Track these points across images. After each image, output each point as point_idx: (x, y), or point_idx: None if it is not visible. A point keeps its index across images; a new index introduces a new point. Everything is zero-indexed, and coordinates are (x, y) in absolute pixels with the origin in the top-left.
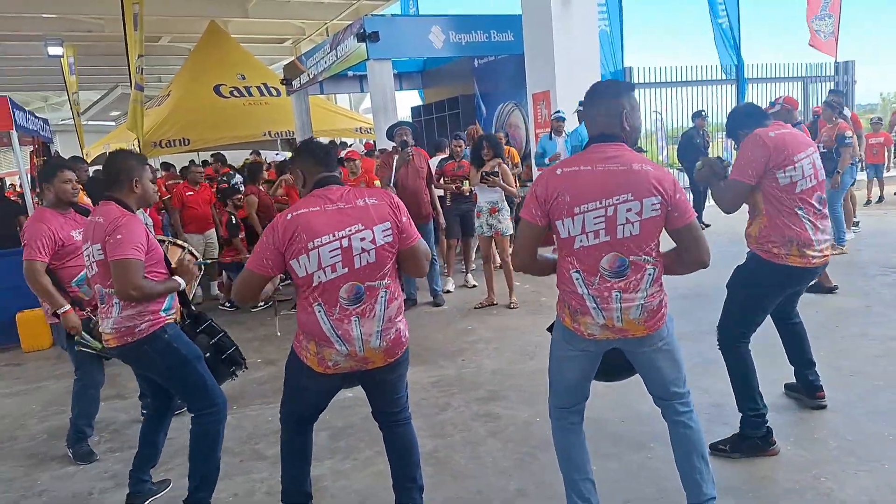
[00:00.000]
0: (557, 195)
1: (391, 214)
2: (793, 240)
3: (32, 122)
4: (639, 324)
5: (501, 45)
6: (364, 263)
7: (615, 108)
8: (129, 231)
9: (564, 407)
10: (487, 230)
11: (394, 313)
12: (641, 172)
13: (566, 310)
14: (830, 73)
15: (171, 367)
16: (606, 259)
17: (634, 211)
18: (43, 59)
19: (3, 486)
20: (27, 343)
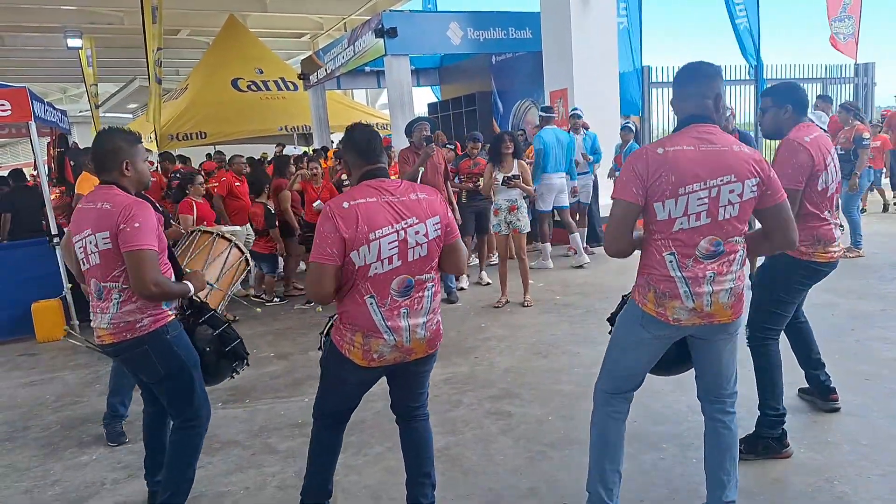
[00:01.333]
0: (661, 174)
1: (440, 209)
2: (820, 239)
3: (51, 113)
4: (726, 308)
5: (519, 43)
6: (417, 257)
7: (712, 89)
8: (146, 219)
9: (616, 393)
10: (505, 228)
11: (436, 305)
12: (741, 154)
13: (650, 294)
14: (850, 75)
15: (167, 371)
16: (705, 241)
17: (736, 192)
18: (62, 50)
19: (17, 476)
20: (42, 334)
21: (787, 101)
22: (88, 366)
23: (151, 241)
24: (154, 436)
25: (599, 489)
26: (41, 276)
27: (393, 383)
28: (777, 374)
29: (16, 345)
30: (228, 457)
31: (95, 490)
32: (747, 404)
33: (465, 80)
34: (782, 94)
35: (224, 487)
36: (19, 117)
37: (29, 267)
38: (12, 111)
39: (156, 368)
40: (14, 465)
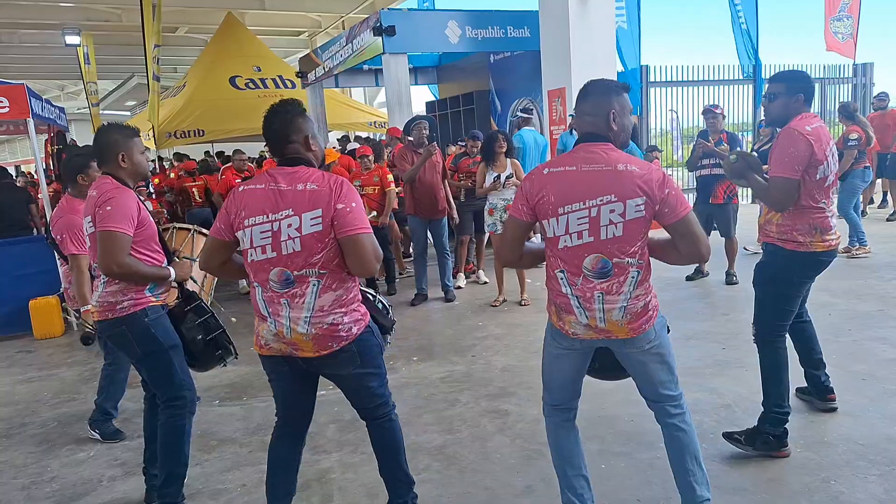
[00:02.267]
0: (543, 194)
1: (328, 202)
2: (817, 227)
3: (49, 110)
4: (621, 325)
5: (517, 41)
6: (290, 251)
7: (604, 108)
8: (118, 204)
9: (556, 404)
10: (501, 227)
11: (327, 304)
12: (626, 173)
13: (552, 307)
14: (848, 75)
15: (143, 352)
16: (589, 260)
17: (618, 212)
18: (60, 47)
19: (15, 472)
20: (39, 330)
21: (800, 90)
22: (86, 363)
23: (121, 224)
24: (153, 425)
25: (571, 498)
26: (39, 272)
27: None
28: (784, 372)
29: (13, 341)
30: (225, 454)
31: (92, 487)
32: (743, 403)
33: (463, 78)
34: (796, 82)
35: (221, 485)
36: (17, 114)
37: (26, 264)
38: (10, 108)
39: (133, 348)
40: (11, 461)
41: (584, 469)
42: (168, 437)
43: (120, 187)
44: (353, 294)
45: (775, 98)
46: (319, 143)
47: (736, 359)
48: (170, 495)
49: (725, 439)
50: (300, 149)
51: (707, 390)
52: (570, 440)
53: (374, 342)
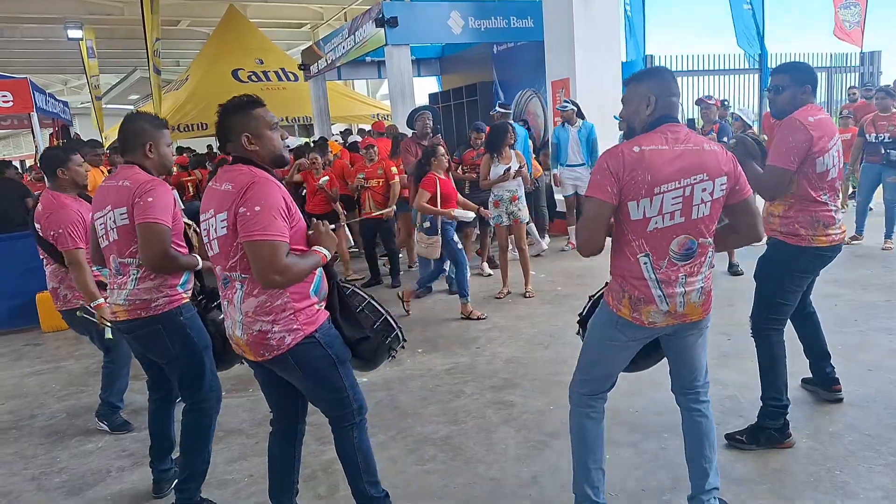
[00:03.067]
0: (636, 173)
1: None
2: (819, 220)
3: (52, 104)
4: (698, 307)
5: (521, 32)
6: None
7: (676, 91)
8: (160, 195)
9: (592, 394)
10: (506, 219)
11: (249, 309)
12: (711, 152)
13: (625, 300)
14: (856, 64)
15: (179, 351)
16: (677, 241)
17: (708, 191)
18: (63, 41)
19: (24, 463)
20: (47, 324)
21: (807, 81)
22: (93, 355)
23: (163, 216)
24: (158, 423)
25: (586, 489)
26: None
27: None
28: (780, 366)
29: (21, 335)
30: (232, 445)
31: (101, 478)
32: (748, 394)
33: (467, 70)
34: (802, 73)
35: (228, 475)
36: (21, 108)
37: (33, 257)
38: (14, 102)
39: (168, 348)
40: (21, 452)
41: (604, 462)
42: (194, 436)
43: (155, 179)
44: (283, 301)
45: (782, 90)
46: (266, 140)
47: (740, 350)
48: (189, 490)
49: (728, 441)
50: (237, 147)
51: (711, 381)
52: (597, 432)
53: (319, 354)
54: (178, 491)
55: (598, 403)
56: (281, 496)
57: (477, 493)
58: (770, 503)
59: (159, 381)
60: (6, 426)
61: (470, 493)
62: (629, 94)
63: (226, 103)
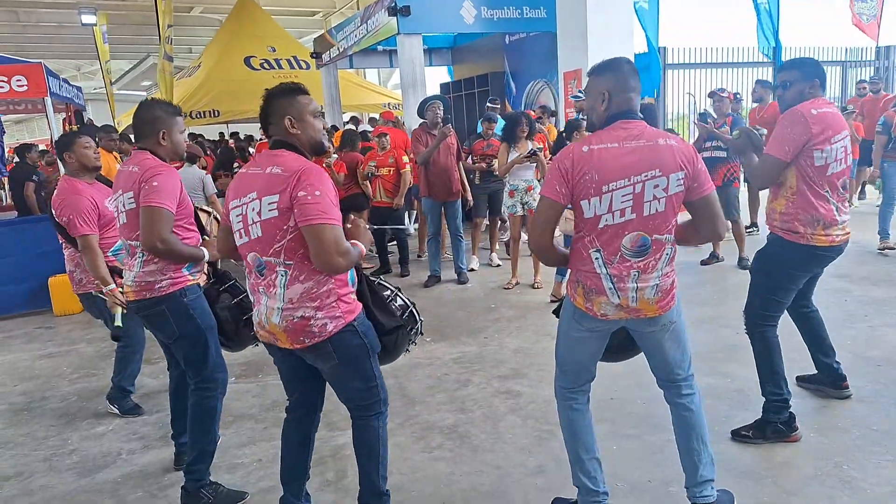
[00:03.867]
0: (584, 173)
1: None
2: (819, 219)
3: (66, 89)
4: (652, 304)
5: (533, 22)
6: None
7: (634, 85)
8: (165, 180)
9: (570, 387)
10: (521, 209)
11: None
12: (666, 147)
13: (579, 289)
14: (871, 58)
15: (181, 332)
16: (629, 238)
17: (661, 187)
18: (77, 27)
19: (36, 444)
20: (59, 307)
21: (815, 76)
22: (104, 339)
23: (166, 201)
24: (178, 399)
25: (584, 480)
26: (57, 249)
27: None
28: (776, 359)
29: (33, 317)
30: (241, 430)
31: (112, 460)
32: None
33: (478, 60)
34: (810, 67)
35: (237, 459)
36: (35, 93)
37: (45, 241)
38: (28, 87)
39: (171, 328)
40: (33, 434)
41: (597, 451)
42: (199, 417)
43: (163, 164)
44: (329, 288)
45: (791, 85)
46: (308, 126)
47: (747, 343)
48: (198, 472)
49: (734, 437)
50: (280, 132)
51: (720, 375)
52: (584, 423)
53: (356, 342)
54: (187, 472)
55: (580, 396)
56: (293, 481)
57: (483, 482)
58: (776, 496)
59: (177, 359)
60: (19, 408)
61: (476, 481)
62: (588, 87)
63: (273, 88)
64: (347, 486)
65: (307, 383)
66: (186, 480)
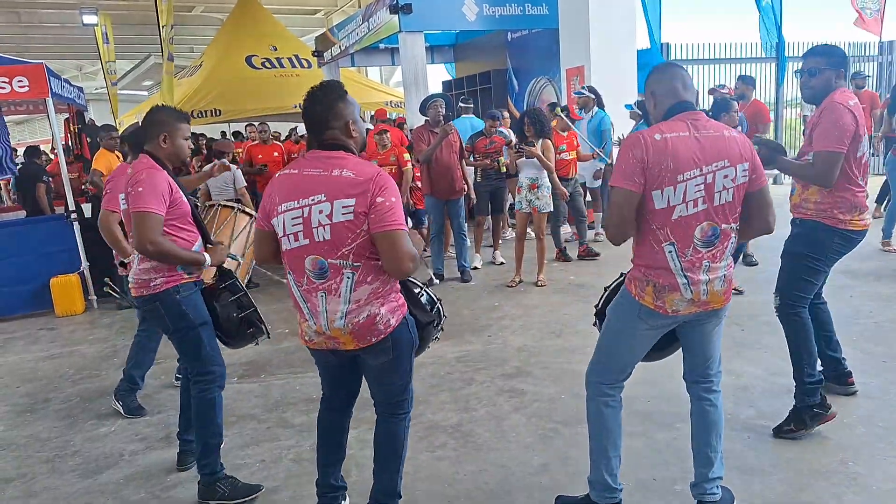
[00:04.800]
0: (660, 161)
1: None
2: (857, 206)
3: (68, 90)
4: (720, 295)
5: (535, 19)
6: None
7: (690, 81)
8: (150, 184)
9: (612, 383)
10: (526, 206)
11: (362, 297)
12: (732, 139)
13: (648, 288)
14: (874, 53)
15: (174, 327)
16: (701, 228)
17: (730, 178)
18: (78, 27)
19: (39, 446)
20: (61, 308)
21: (842, 65)
22: (106, 340)
23: (151, 205)
24: (188, 393)
25: (605, 477)
26: (59, 251)
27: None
28: (811, 340)
29: (36, 318)
30: (244, 430)
31: (114, 461)
32: (761, 384)
33: (480, 57)
34: (837, 56)
35: (240, 460)
36: (37, 93)
37: (47, 242)
38: (30, 87)
39: (165, 323)
40: (36, 435)
41: (621, 449)
42: (199, 410)
43: (153, 167)
44: (391, 285)
45: (818, 73)
46: (361, 128)
47: (753, 340)
48: (209, 465)
49: (776, 436)
50: (339, 135)
51: (725, 371)
52: (617, 420)
53: (408, 337)
54: (199, 468)
55: (616, 392)
56: (330, 465)
57: (487, 480)
58: (782, 493)
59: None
60: (21, 409)
61: (480, 480)
62: (649, 85)
63: (323, 89)
64: (353, 484)
65: (348, 381)
66: (201, 476)
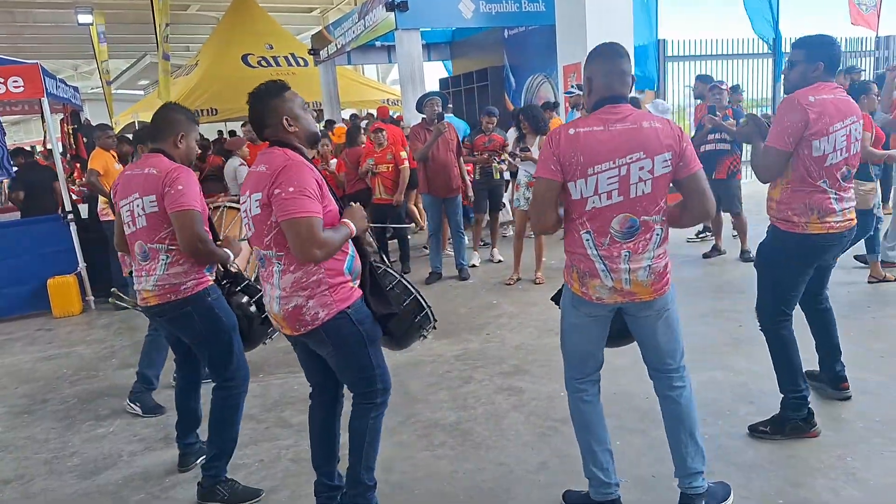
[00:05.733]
0: (571, 155)
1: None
2: (813, 207)
3: (63, 89)
4: (646, 286)
5: (532, 16)
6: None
7: (624, 69)
8: (188, 182)
9: (580, 377)
10: (524, 203)
11: (286, 285)
12: (651, 130)
13: (574, 274)
14: (870, 49)
15: (207, 331)
16: (618, 220)
17: (647, 169)
18: (73, 26)
19: (37, 447)
20: (58, 309)
21: (820, 58)
22: (104, 341)
23: (195, 203)
24: (185, 400)
25: (596, 472)
26: (56, 251)
27: None
28: (793, 355)
29: (33, 319)
30: (243, 430)
31: (113, 462)
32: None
33: (477, 54)
34: (816, 49)
35: (239, 460)
36: (32, 93)
37: (44, 243)
38: (25, 87)
39: (197, 329)
40: (34, 436)
41: (609, 443)
42: (222, 416)
43: (182, 167)
44: (318, 278)
45: (794, 66)
46: (303, 123)
47: (752, 336)
48: (216, 468)
49: (751, 432)
50: (277, 131)
51: (724, 368)
52: (595, 415)
53: (350, 330)
54: (204, 469)
55: (590, 387)
56: (324, 464)
57: (486, 479)
58: (780, 489)
59: (187, 360)
60: (19, 410)
61: (479, 479)
62: (582, 79)
63: (257, 90)
64: None
65: (323, 368)
66: (203, 477)
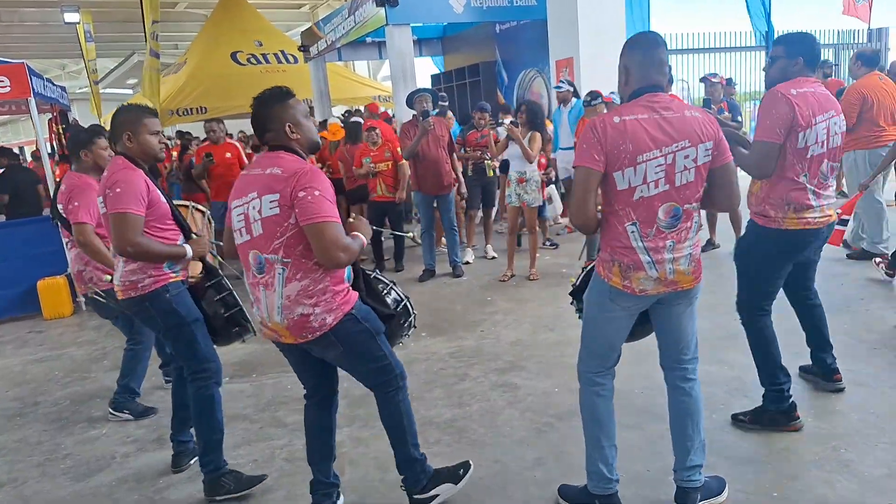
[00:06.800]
0: (619, 144)
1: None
2: (790, 202)
3: (50, 89)
4: (688, 274)
5: (524, 10)
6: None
7: (662, 58)
8: (127, 184)
9: (598, 370)
10: (516, 200)
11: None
12: (693, 119)
13: (615, 268)
14: (863, 41)
15: (167, 326)
16: (663, 209)
17: (691, 157)
18: (60, 25)
19: (29, 450)
20: (48, 311)
21: (800, 53)
22: (95, 342)
23: (130, 206)
24: (179, 393)
25: (601, 467)
26: (45, 253)
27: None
28: (772, 349)
29: (23, 322)
30: (236, 430)
31: (106, 463)
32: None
33: (469, 49)
34: (796, 45)
35: (233, 460)
36: (19, 93)
37: (33, 244)
38: (11, 87)
39: (157, 323)
40: (26, 439)
41: (615, 438)
42: (199, 408)
43: (128, 167)
44: (324, 285)
45: (775, 61)
46: (305, 130)
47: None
48: (212, 462)
49: (733, 421)
50: (279, 136)
51: (718, 362)
52: (608, 410)
53: (358, 328)
54: (202, 466)
55: (607, 381)
56: (320, 462)
57: (481, 476)
58: (775, 482)
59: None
60: (11, 413)
61: (475, 476)
62: (618, 68)
63: (262, 95)
64: (346, 482)
65: (317, 371)
66: (204, 474)
